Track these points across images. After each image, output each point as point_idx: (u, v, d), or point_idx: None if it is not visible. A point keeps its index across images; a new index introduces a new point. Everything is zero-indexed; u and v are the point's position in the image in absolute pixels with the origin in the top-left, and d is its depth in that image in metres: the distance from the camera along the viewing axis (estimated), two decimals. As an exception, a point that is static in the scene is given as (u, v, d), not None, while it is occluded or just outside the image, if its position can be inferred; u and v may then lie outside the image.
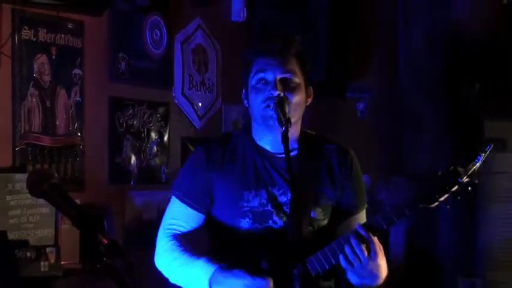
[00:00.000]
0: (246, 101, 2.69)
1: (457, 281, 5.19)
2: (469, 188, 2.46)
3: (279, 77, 2.58)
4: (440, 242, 5.33)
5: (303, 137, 2.64)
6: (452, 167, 2.46)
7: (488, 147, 2.47)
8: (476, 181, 2.46)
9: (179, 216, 2.71)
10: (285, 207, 2.61)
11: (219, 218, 2.68)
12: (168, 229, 2.71)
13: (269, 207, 2.62)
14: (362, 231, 2.46)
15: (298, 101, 2.58)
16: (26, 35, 3.88)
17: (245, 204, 2.62)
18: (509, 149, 5.11)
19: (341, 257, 2.46)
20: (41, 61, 3.96)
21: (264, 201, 2.62)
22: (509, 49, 4.58)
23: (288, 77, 2.59)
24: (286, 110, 2.52)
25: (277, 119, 2.51)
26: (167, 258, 2.67)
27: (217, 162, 2.68)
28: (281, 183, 2.63)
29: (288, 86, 2.58)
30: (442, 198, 2.45)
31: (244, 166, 2.67)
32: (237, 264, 2.55)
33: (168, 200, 2.77)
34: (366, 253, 2.44)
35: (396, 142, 5.39)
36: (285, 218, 2.61)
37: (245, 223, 2.62)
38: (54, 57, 4.03)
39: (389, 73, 5.50)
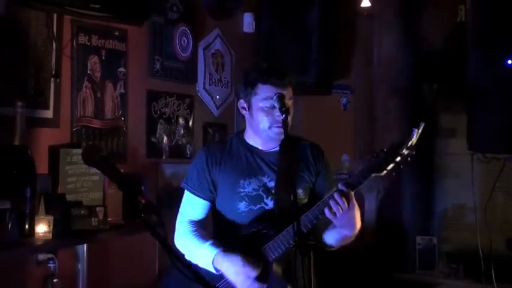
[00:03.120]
0: (245, 111, 2.68)
1: (416, 238, 5.20)
2: (409, 158, 2.45)
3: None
4: (404, 208, 5.33)
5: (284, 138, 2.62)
6: (394, 144, 2.46)
7: (421, 124, 2.46)
8: (414, 152, 2.45)
9: (192, 205, 2.73)
10: (273, 191, 2.62)
11: (222, 204, 2.70)
12: (185, 216, 2.74)
13: (260, 192, 2.62)
14: (343, 188, 2.47)
15: (291, 120, 2.60)
16: (82, 40, 3.88)
17: (241, 190, 2.63)
18: (459, 137, 5.10)
19: (326, 210, 2.46)
20: (93, 61, 3.95)
21: (256, 187, 2.63)
22: (461, 57, 4.55)
23: (290, 104, 2.61)
24: (286, 102, 2.54)
25: (279, 109, 2.53)
26: (183, 240, 2.69)
27: (216, 160, 2.69)
28: (269, 172, 2.65)
29: (288, 110, 2.58)
30: (388, 168, 2.46)
31: (239, 161, 2.68)
32: (237, 242, 2.57)
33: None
34: (346, 204, 2.44)
35: (370, 129, 5.38)
36: (274, 199, 2.61)
37: (242, 205, 2.63)
38: (103, 58, 4.03)
39: (366, 75, 5.48)
